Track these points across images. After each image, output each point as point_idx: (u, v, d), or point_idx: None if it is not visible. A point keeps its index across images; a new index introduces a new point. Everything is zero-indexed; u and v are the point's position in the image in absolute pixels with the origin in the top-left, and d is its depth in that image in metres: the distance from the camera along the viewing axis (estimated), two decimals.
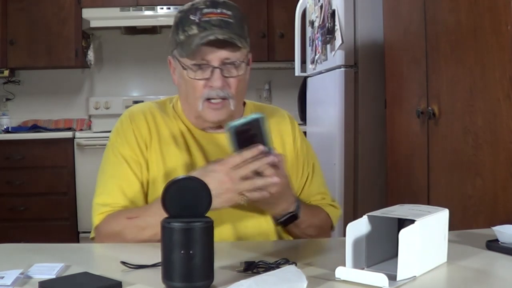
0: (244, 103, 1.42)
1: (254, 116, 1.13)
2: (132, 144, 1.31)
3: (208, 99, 1.26)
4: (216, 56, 1.23)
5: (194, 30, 1.22)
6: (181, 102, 1.36)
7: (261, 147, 1.11)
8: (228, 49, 1.23)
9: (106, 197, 1.29)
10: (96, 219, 1.28)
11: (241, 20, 1.26)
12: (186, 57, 1.25)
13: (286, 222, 1.28)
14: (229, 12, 1.24)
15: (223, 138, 1.33)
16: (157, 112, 1.36)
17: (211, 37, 1.20)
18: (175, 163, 1.31)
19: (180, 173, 0.89)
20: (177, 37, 1.26)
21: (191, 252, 0.85)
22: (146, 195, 1.32)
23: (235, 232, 1.28)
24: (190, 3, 1.28)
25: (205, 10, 1.23)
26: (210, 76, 1.23)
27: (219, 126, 1.32)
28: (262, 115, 1.14)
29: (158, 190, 1.28)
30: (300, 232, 1.32)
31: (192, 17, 1.23)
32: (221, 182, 1.11)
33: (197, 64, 1.24)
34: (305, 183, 1.41)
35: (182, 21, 1.25)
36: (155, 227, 1.05)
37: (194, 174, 1.09)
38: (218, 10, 1.23)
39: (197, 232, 0.85)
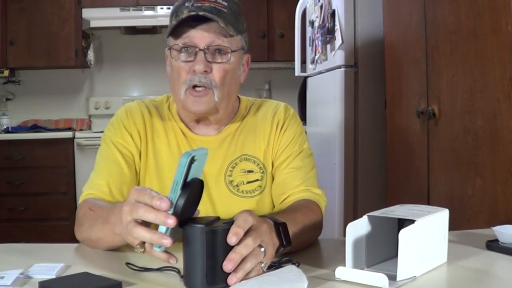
0: (239, 101, 1.41)
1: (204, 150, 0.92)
2: (124, 135, 1.31)
3: (192, 87, 1.24)
4: (201, 38, 1.22)
5: (185, 14, 1.21)
6: (172, 94, 1.35)
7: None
8: (215, 34, 1.22)
9: (95, 179, 1.28)
10: (80, 198, 1.28)
11: (237, 13, 1.25)
12: (172, 37, 1.25)
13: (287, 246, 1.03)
14: (224, 3, 1.23)
15: (214, 141, 1.33)
16: (153, 109, 1.37)
17: (192, 13, 1.19)
18: (166, 162, 1.31)
19: (169, 174, 0.80)
20: (170, 24, 1.26)
21: (216, 255, 0.84)
22: (138, 184, 1.31)
23: None
24: None
25: None
26: (193, 59, 1.23)
27: (205, 119, 1.31)
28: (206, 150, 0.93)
29: (147, 183, 1.29)
30: (302, 244, 1.16)
31: (186, 4, 1.23)
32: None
33: (182, 44, 1.23)
34: (284, 168, 1.33)
35: (176, 8, 1.25)
36: (104, 230, 1.05)
37: None
38: None
39: (221, 234, 0.84)
